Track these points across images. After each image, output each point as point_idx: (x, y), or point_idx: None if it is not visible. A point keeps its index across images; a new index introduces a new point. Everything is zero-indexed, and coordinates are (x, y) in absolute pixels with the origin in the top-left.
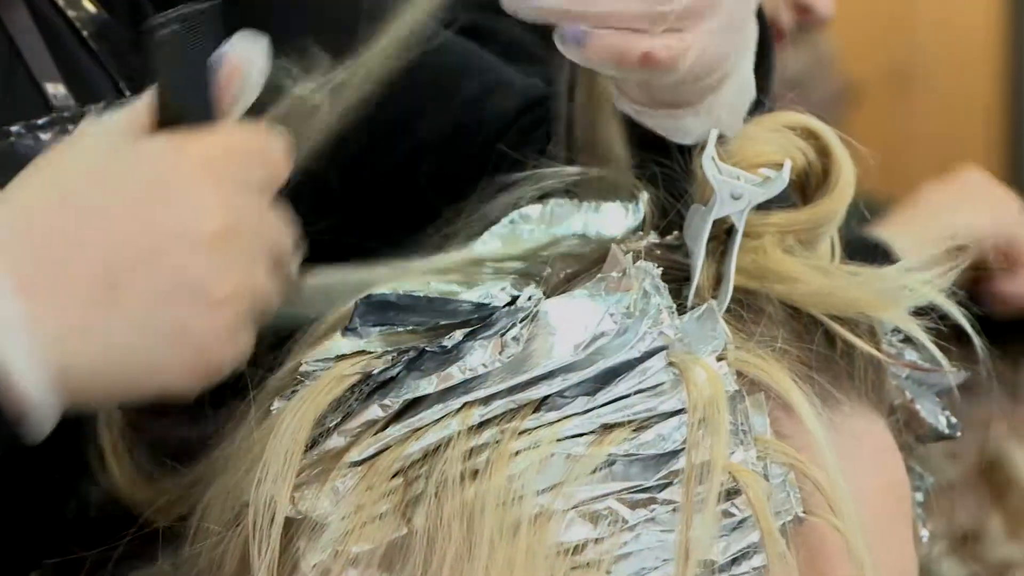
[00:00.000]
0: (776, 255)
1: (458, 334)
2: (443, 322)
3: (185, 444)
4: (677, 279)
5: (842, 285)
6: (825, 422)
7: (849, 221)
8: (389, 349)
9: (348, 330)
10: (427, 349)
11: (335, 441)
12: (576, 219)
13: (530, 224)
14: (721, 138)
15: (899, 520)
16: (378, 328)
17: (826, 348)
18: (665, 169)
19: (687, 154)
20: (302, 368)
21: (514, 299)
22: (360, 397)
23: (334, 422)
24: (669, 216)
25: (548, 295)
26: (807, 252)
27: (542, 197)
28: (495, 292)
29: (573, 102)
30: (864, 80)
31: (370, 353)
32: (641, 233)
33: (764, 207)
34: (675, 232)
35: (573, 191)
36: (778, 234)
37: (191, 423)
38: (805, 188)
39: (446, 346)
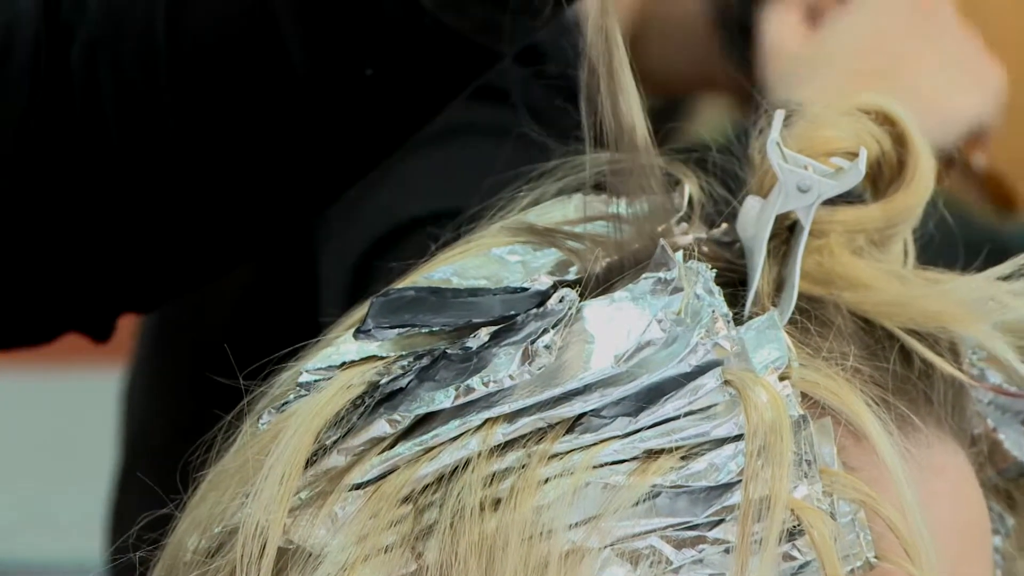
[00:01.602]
0: (844, 257)
1: (484, 333)
2: (475, 320)
3: None
4: (731, 282)
5: (921, 294)
6: (901, 452)
7: (926, 220)
8: (403, 354)
9: (360, 332)
10: (447, 352)
11: (334, 460)
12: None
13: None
14: (787, 119)
15: (979, 566)
16: (396, 331)
17: (902, 367)
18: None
19: (744, 138)
20: (301, 378)
21: (548, 295)
22: (365, 410)
23: (333, 438)
24: (719, 208)
25: (584, 295)
26: (879, 254)
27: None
28: (542, 277)
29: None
30: None
31: (381, 359)
32: (686, 226)
33: (830, 201)
34: (724, 225)
35: (603, 184)
36: (846, 233)
37: None
38: (877, 181)
39: (470, 348)
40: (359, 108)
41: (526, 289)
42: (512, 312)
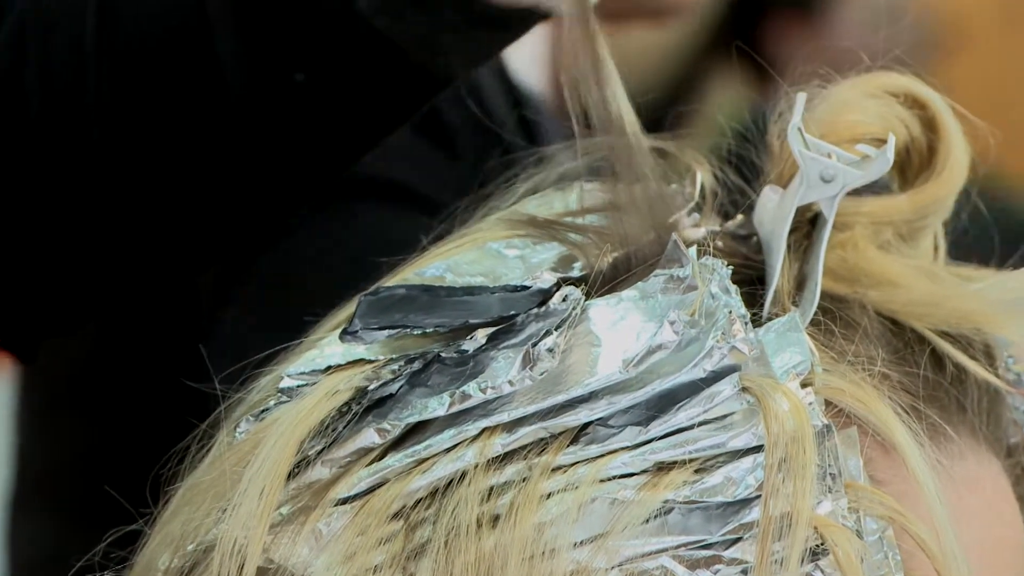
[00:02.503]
0: (870, 253)
1: (481, 335)
2: (471, 320)
3: None
4: (748, 280)
5: (953, 293)
6: (933, 464)
7: (958, 212)
8: (394, 357)
9: (347, 334)
10: (441, 355)
11: (318, 472)
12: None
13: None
14: (809, 102)
15: None
16: (385, 332)
17: (934, 372)
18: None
19: (761, 123)
20: (282, 383)
21: (550, 293)
22: (351, 419)
23: (317, 449)
24: (734, 199)
25: (590, 294)
26: (907, 249)
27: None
28: (544, 274)
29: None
30: (967, 16)
31: (370, 363)
32: (698, 218)
33: (855, 192)
34: (740, 217)
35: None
36: (872, 226)
37: None
38: (906, 169)
39: (466, 351)
40: (295, 122)
41: (527, 287)
42: (512, 312)
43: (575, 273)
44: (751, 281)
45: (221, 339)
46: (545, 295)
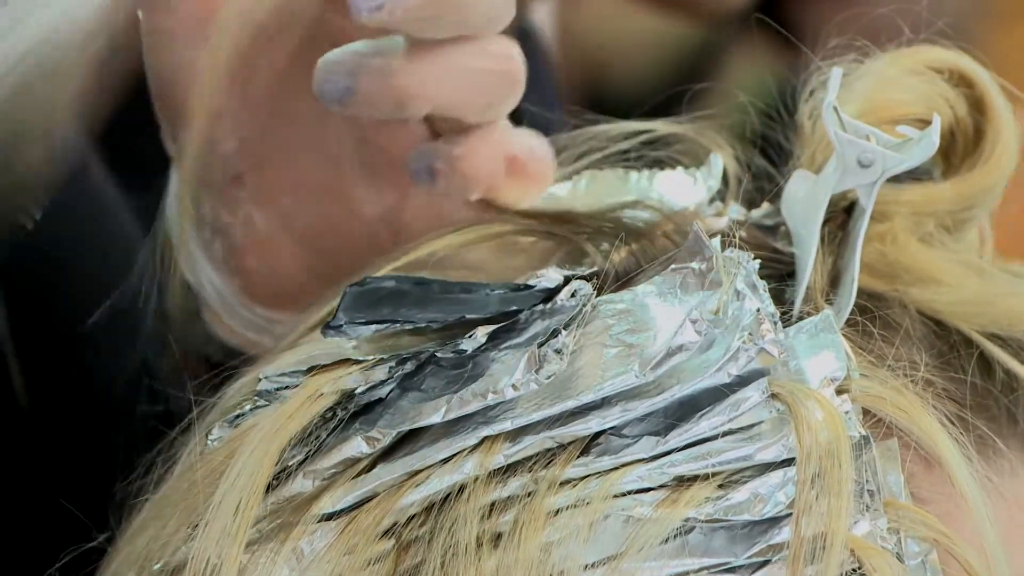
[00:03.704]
0: (911, 246)
1: (481, 333)
2: (468, 316)
3: None
4: (776, 275)
5: (1003, 291)
6: (981, 481)
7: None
8: (383, 356)
9: (330, 328)
10: (436, 356)
11: (300, 485)
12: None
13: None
14: (845, 78)
15: None
16: (372, 327)
17: (982, 379)
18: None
19: (790, 100)
20: (260, 385)
21: (557, 288)
22: (337, 425)
23: (299, 459)
24: (760, 185)
25: (602, 289)
26: (952, 242)
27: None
28: (550, 271)
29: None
30: None
31: (357, 363)
32: (720, 206)
33: (896, 179)
34: (766, 205)
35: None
36: (913, 216)
37: None
38: (950, 154)
39: (464, 350)
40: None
41: (530, 286)
42: (513, 309)
43: (583, 269)
44: (780, 276)
45: None
46: (551, 294)
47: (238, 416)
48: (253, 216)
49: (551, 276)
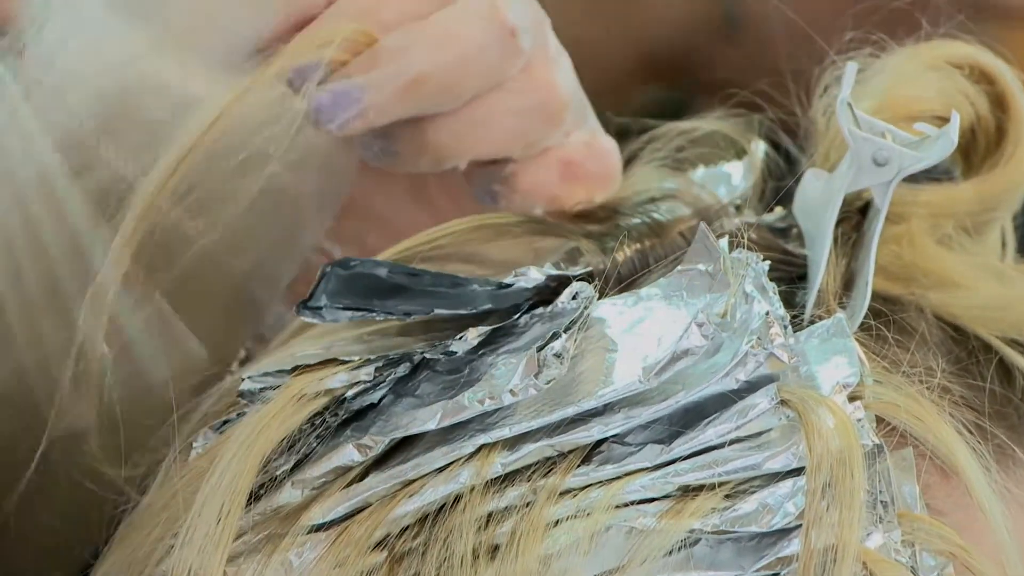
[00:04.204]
0: (928, 248)
1: (472, 335)
2: (438, 311)
3: None
4: (787, 277)
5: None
6: (1000, 492)
7: None
8: (370, 357)
9: (305, 307)
10: (429, 358)
11: (288, 494)
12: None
13: None
14: (860, 73)
15: None
16: (349, 313)
17: (1001, 386)
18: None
19: (804, 96)
20: (243, 386)
21: (557, 285)
22: (326, 431)
23: (286, 467)
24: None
25: (603, 291)
26: (971, 245)
27: None
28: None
29: None
30: None
31: (343, 363)
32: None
33: (912, 178)
34: (778, 208)
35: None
36: (931, 217)
37: None
38: (970, 153)
39: (454, 352)
40: None
41: (509, 285)
42: (489, 307)
43: (580, 268)
44: (791, 279)
45: None
46: (538, 292)
47: (224, 422)
48: (334, 254)
49: (532, 276)
